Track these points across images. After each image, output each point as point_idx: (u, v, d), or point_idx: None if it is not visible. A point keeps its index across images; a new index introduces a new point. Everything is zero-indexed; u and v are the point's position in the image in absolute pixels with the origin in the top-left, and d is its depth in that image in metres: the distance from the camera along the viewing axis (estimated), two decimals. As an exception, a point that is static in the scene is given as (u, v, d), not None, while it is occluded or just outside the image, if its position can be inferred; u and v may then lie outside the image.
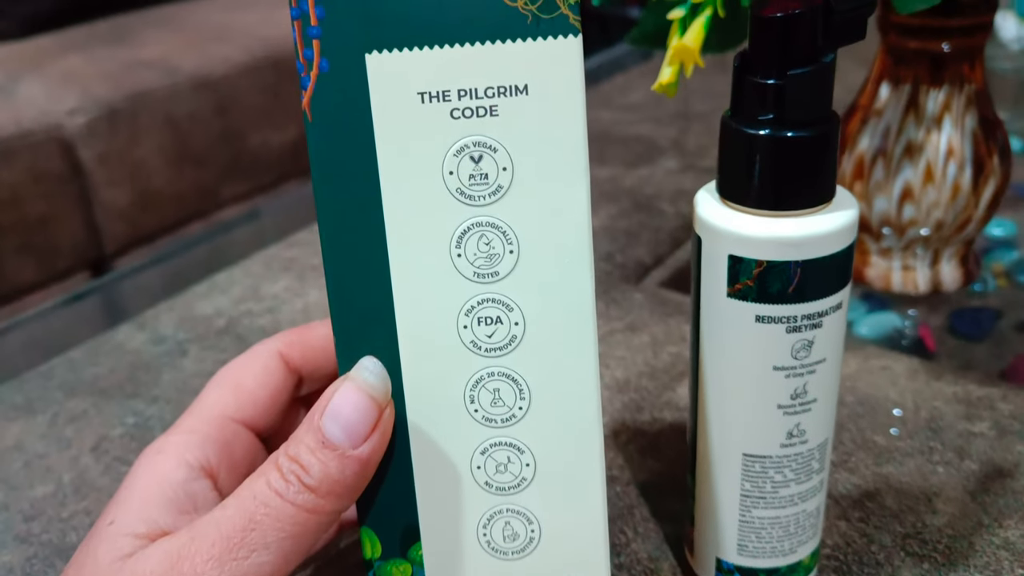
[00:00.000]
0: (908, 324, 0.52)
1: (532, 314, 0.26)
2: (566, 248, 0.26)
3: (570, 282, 0.26)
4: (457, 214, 0.26)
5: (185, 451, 0.28)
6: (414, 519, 0.28)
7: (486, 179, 0.25)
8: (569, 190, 0.26)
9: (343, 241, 0.26)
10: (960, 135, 0.47)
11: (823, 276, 0.27)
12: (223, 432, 0.29)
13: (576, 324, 0.27)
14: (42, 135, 1.06)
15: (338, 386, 0.26)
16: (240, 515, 0.25)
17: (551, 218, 0.26)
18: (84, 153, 1.10)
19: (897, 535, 0.36)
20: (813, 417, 0.29)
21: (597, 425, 0.27)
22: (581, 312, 0.26)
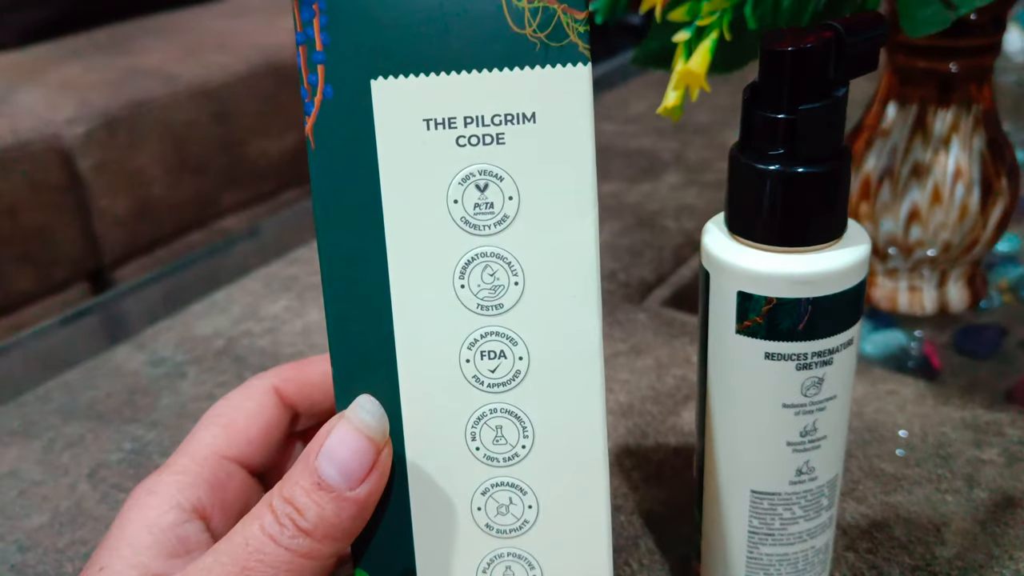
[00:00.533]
0: (914, 344, 0.52)
1: (537, 349, 0.26)
2: (573, 281, 0.25)
3: (576, 316, 0.26)
4: (461, 244, 0.25)
5: (176, 492, 0.28)
6: (411, 563, 0.27)
7: (491, 208, 0.25)
8: (577, 221, 0.25)
9: (344, 271, 0.25)
10: (968, 156, 0.47)
11: (834, 313, 0.27)
12: (216, 472, 0.29)
13: (582, 360, 0.26)
14: (40, 144, 1.06)
15: (333, 425, 0.25)
16: (232, 562, 0.24)
17: (558, 250, 0.25)
18: (82, 162, 1.09)
19: (906, 567, 0.36)
20: (823, 454, 0.29)
21: (603, 466, 0.26)
22: (587, 348, 0.26)
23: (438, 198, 0.25)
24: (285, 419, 0.31)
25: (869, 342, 0.52)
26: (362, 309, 0.26)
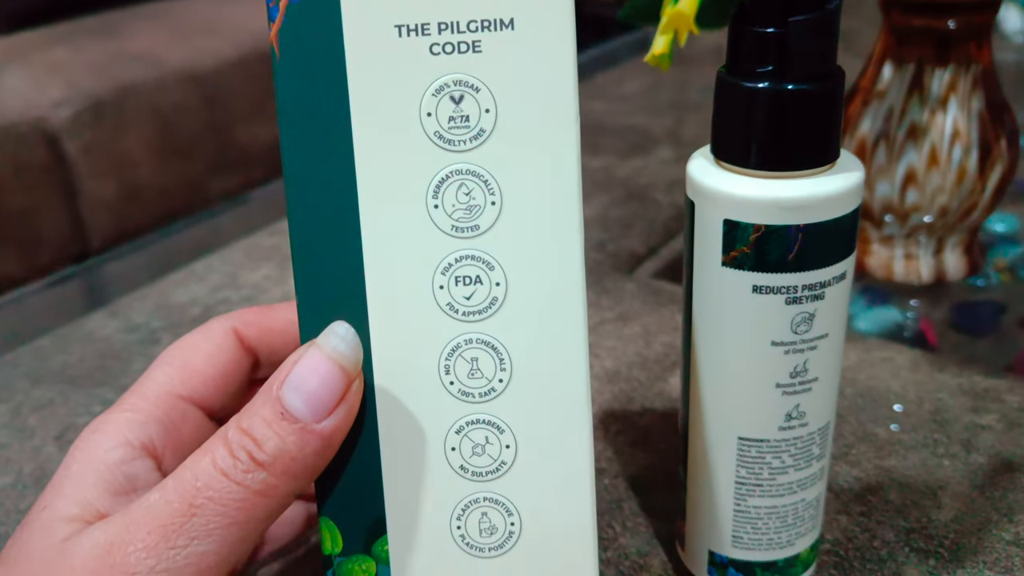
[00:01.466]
0: (910, 317, 0.50)
1: (515, 274, 0.24)
2: (554, 200, 0.24)
3: (557, 238, 0.24)
4: (435, 160, 0.23)
5: (125, 430, 0.26)
6: (380, 509, 0.25)
7: (467, 122, 0.23)
8: (558, 135, 0.23)
9: (310, 191, 0.24)
10: (966, 117, 0.45)
11: (826, 243, 0.25)
12: (168, 411, 0.27)
13: (563, 288, 0.24)
14: (26, 127, 1.04)
15: (302, 353, 0.24)
16: (179, 499, 0.23)
17: (537, 166, 0.23)
18: (69, 145, 1.07)
19: (901, 530, 0.34)
20: (814, 398, 0.27)
21: (585, 401, 0.25)
22: (569, 272, 0.24)
23: (410, 111, 0.23)
24: (245, 363, 0.30)
25: (864, 319, 0.51)
26: (329, 232, 0.24)
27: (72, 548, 0.23)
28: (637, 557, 0.34)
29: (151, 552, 0.22)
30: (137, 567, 0.22)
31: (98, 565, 0.22)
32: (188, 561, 0.22)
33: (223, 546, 0.23)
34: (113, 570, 0.22)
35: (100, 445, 0.26)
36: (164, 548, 0.22)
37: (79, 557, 0.23)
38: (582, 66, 0.92)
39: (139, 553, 0.22)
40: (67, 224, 1.09)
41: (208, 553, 0.23)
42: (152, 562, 0.22)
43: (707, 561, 0.31)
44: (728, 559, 0.30)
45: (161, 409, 0.27)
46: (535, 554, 0.26)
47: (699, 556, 0.31)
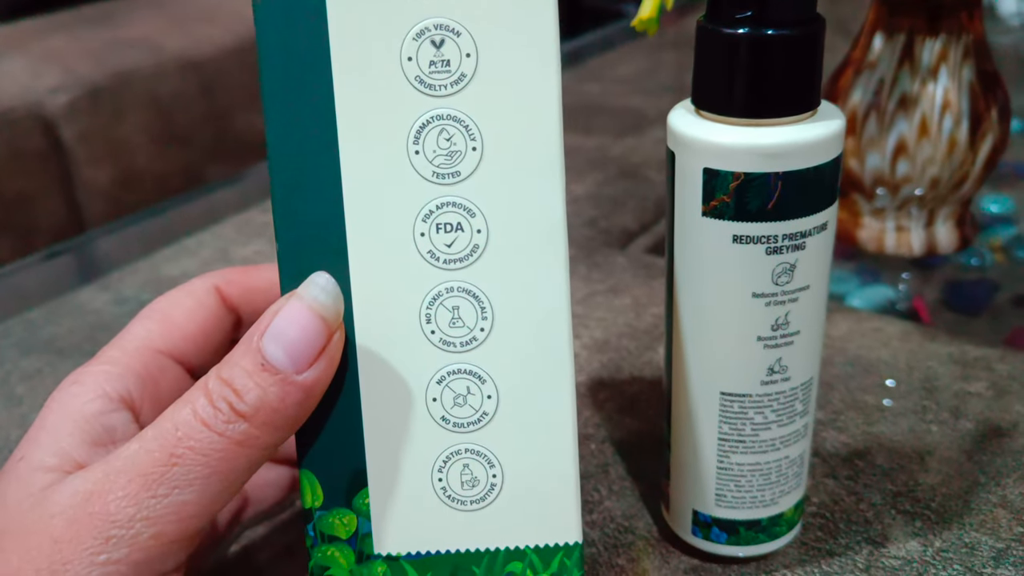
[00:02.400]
0: (902, 291, 0.50)
1: (496, 221, 0.24)
2: (535, 145, 0.24)
3: (539, 183, 0.24)
4: (415, 105, 0.23)
5: (103, 382, 0.26)
6: (361, 461, 0.25)
7: (448, 66, 0.23)
8: (539, 79, 0.23)
9: (290, 137, 0.23)
10: (957, 87, 0.45)
11: (806, 191, 0.25)
12: (147, 364, 0.27)
13: (545, 236, 0.24)
14: (22, 112, 1.04)
15: (283, 304, 0.23)
16: (160, 448, 0.23)
17: (519, 111, 0.23)
18: (65, 131, 1.07)
19: (888, 493, 0.34)
20: (796, 351, 0.27)
21: (568, 351, 0.25)
22: (551, 218, 0.24)
23: (391, 55, 0.23)
24: (227, 321, 0.30)
25: (857, 297, 0.50)
26: (309, 180, 0.24)
27: (51, 497, 0.23)
28: (622, 520, 0.34)
29: (132, 500, 0.22)
30: (117, 515, 0.22)
31: (77, 513, 0.22)
32: (169, 510, 0.22)
33: (204, 496, 0.23)
34: (93, 518, 0.22)
35: (77, 397, 0.25)
36: (145, 497, 0.22)
37: (58, 505, 0.23)
38: (577, 50, 0.92)
39: (119, 501, 0.22)
40: (63, 211, 1.09)
41: (189, 503, 0.22)
42: (132, 510, 0.22)
43: (691, 521, 0.31)
44: (712, 518, 0.30)
45: (139, 362, 0.27)
46: (517, 506, 0.25)
47: (683, 516, 0.31)
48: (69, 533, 0.22)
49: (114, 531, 0.22)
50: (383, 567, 0.26)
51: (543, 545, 0.26)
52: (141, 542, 0.22)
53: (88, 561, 0.21)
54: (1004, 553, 0.31)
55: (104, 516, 0.22)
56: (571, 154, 0.67)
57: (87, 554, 0.21)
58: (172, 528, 0.22)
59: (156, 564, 0.22)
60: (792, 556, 0.32)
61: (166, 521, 0.22)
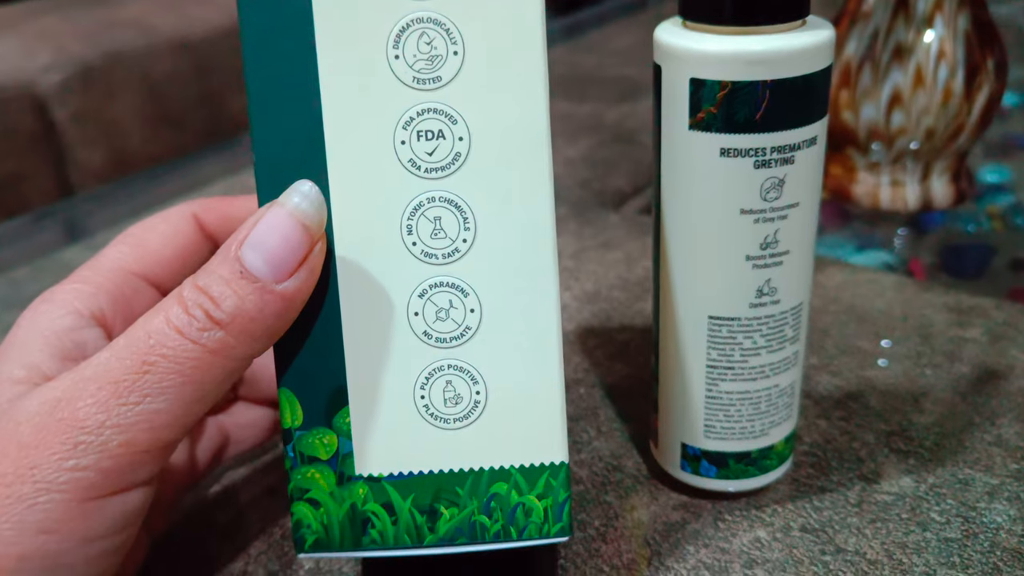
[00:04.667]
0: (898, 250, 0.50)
1: (478, 127, 0.23)
2: (518, 49, 0.23)
3: (522, 93, 0.23)
4: (395, 7, 0.23)
5: (74, 299, 0.25)
6: (341, 378, 0.24)
7: None
8: None
9: (266, 41, 0.23)
10: (952, 36, 0.45)
11: (794, 102, 0.24)
12: (120, 284, 0.26)
13: (529, 139, 0.23)
14: (13, 91, 1.04)
15: (263, 213, 0.23)
16: (132, 356, 0.22)
17: (501, 13, 0.23)
18: (58, 112, 1.07)
19: (881, 433, 0.33)
20: (785, 272, 0.27)
21: (552, 262, 0.24)
22: (534, 124, 0.23)
23: None
24: (204, 247, 0.29)
25: (853, 260, 0.50)
26: (286, 86, 0.23)
27: (18, 405, 0.22)
28: (611, 459, 0.33)
29: (101, 407, 0.21)
30: (86, 421, 0.21)
31: (46, 420, 0.22)
32: (140, 418, 0.22)
33: (176, 405, 0.22)
34: (61, 424, 0.21)
35: (48, 314, 0.25)
36: (115, 404, 0.21)
37: (25, 413, 0.22)
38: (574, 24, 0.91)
39: (89, 408, 0.21)
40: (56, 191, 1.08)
41: (161, 411, 0.22)
42: (102, 417, 0.21)
43: (680, 455, 0.30)
44: (701, 451, 0.30)
45: (112, 282, 0.26)
46: (501, 424, 0.25)
47: (672, 450, 0.30)
48: (36, 439, 0.21)
49: (83, 437, 0.21)
50: (364, 489, 0.25)
51: (528, 465, 0.25)
52: (110, 450, 0.21)
53: (56, 466, 0.21)
54: (998, 489, 0.31)
55: (72, 422, 0.21)
56: (565, 120, 0.66)
57: (54, 459, 0.21)
58: (143, 437, 0.22)
59: (127, 473, 0.22)
60: (783, 492, 0.31)
61: (137, 429, 0.21)
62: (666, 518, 0.30)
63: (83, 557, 0.21)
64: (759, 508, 0.30)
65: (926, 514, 0.30)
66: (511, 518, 0.25)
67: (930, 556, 0.28)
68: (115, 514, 0.22)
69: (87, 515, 0.21)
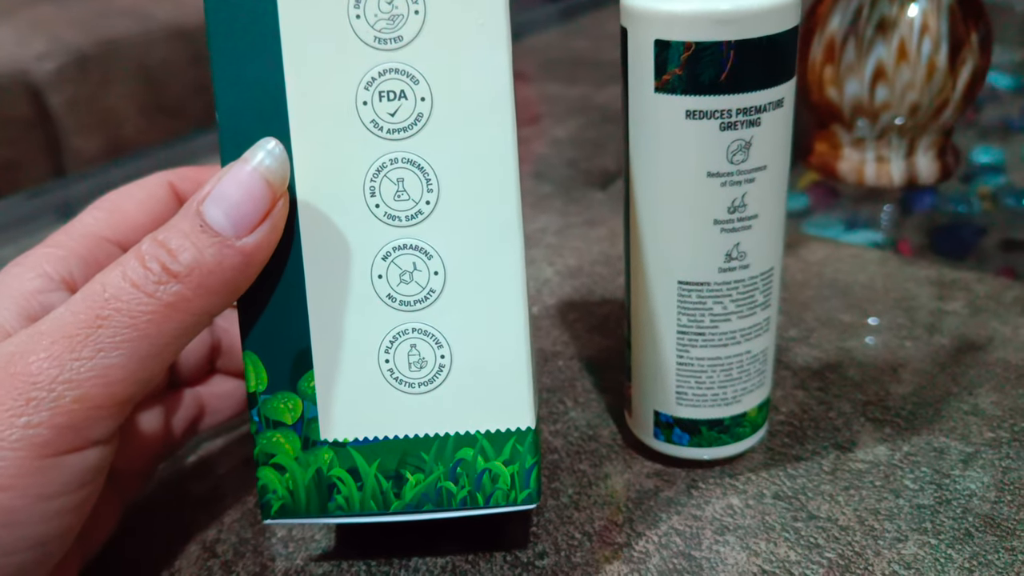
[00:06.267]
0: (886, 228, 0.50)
1: (441, 87, 0.23)
2: (480, 4, 0.23)
3: (484, 48, 0.23)
4: None
5: (44, 262, 0.25)
6: (306, 342, 0.24)
7: None
8: None
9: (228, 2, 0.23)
10: (936, 10, 0.44)
11: (761, 62, 0.24)
12: (92, 250, 0.26)
13: (491, 101, 0.23)
14: (8, 79, 1.04)
15: (227, 170, 0.23)
16: (86, 310, 0.22)
17: None
18: (52, 99, 1.07)
19: (858, 403, 0.33)
20: (754, 236, 0.27)
21: (517, 224, 0.24)
22: (497, 86, 0.23)
23: None
24: None
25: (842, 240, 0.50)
26: (247, 44, 0.23)
27: None
28: (587, 429, 0.33)
29: (54, 361, 0.21)
30: (39, 376, 0.21)
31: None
32: (94, 373, 0.21)
33: (131, 360, 0.22)
34: (14, 379, 0.21)
35: (17, 276, 0.25)
36: (68, 358, 0.21)
37: None
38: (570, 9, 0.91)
39: (41, 363, 0.21)
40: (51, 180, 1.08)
41: (115, 366, 0.22)
42: (55, 371, 0.21)
43: (653, 423, 0.30)
44: (673, 418, 0.30)
45: (84, 247, 0.26)
46: (467, 388, 0.25)
47: (645, 418, 0.30)
48: None
49: (35, 392, 0.21)
50: (329, 454, 0.25)
51: (494, 430, 0.25)
52: (64, 405, 0.21)
53: (8, 423, 0.21)
54: (973, 457, 0.31)
55: (25, 376, 0.21)
56: (555, 102, 0.66)
57: (7, 415, 0.21)
58: (97, 392, 0.21)
59: (81, 430, 0.22)
60: (757, 460, 0.31)
61: (91, 384, 0.21)
62: (640, 486, 0.30)
63: (40, 514, 0.21)
64: (733, 476, 0.30)
65: (900, 481, 0.30)
66: (477, 484, 0.25)
67: (902, 522, 0.28)
68: (72, 471, 0.22)
69: (43, 471, 0.21)
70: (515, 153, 0.24)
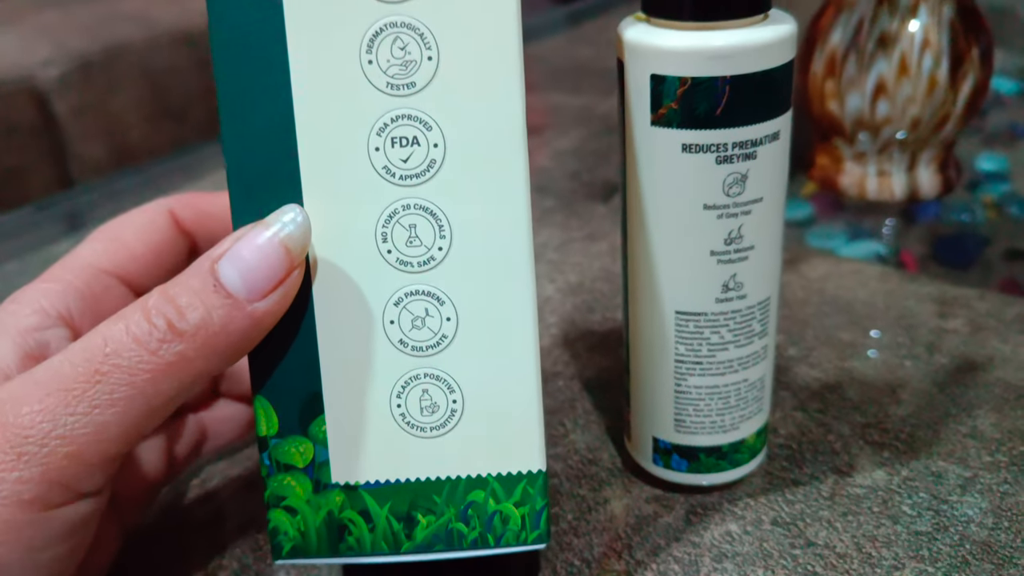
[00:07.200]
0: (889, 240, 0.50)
1: (454, 134, 0.23)
2: (494, 51, 0.22)
3: (497, 92, 0.23)
4: (368, 12, 0.22)
5: (41, 298, 0.25)
6: (317, 387, 0.24)
7: None
8: None
9: (235, 48, 0.22)
10: (937, 25, 0.44)
11: (755, 97, 0.24)
12: (90, 284, 0.26)
13: (504, 143, 0.23)
14: (13, 86, 1.04)
15: (246, 231, 0.22)
16: (85, 363, 0.21)
17: (475, 15, 0.22)
18: (58, 105, 1.07)
19: (857, 425, 0.33)
20: (751, 268, 0.27)
21: (528, 269, 0.24)
22: (510, 128, 0.23)
23: None
24: (181, 244, 0.29)
25: (844, 251, 0.50)
26: (258, 93, 0.22)
27: None
28: (587, 452, 0.33)
29: (47, 415, 0.21)
30: (31, 430, 0.21)
31: None
32: (87, 430, 0.21)
33: (126, 417, 0.21)
34: (5, 429, 0.21)
35: (13, 313, 0.25)
36: (62, 413, 0.21)
37: None
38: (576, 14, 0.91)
39: (35, 415, 0.21)
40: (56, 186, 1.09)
41: (110, 424, 0.21)
42: (48, 426, 0.21)
43: (652, 449, 0.30)
44: (672, 445, 0.30)
45: (82, 280, 0.26)
46: (478, 432, 0.25)
47: (644, 444, 0.31)
48: None
49: (27, 447, 0.21)
50: (341, 496, 0.25)
51: (505, 473, 0.25)
52: (55, 461, 0.21)
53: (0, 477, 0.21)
54: (971, 481, 0.31)
55: (17, 428, 0.21)
56: (558, 112, 0.66)
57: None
58: (90, 449, 0.21)
59: (72, 485, 0.21)
60: (756, 485, 0.31)
61: (84, 441, 0.21)
62: (639, 511, 0.30)
63: (32, 565, 0.21)
64: (732, 501, 0.30)
65: (897, 507, 0.30)
66: (488, 525, 0.25)
67: (899, 549, 0.28)
68: (62, 524, 0.21)
69: (32, 525, 0.21)
70: (527, 199, 0.23)
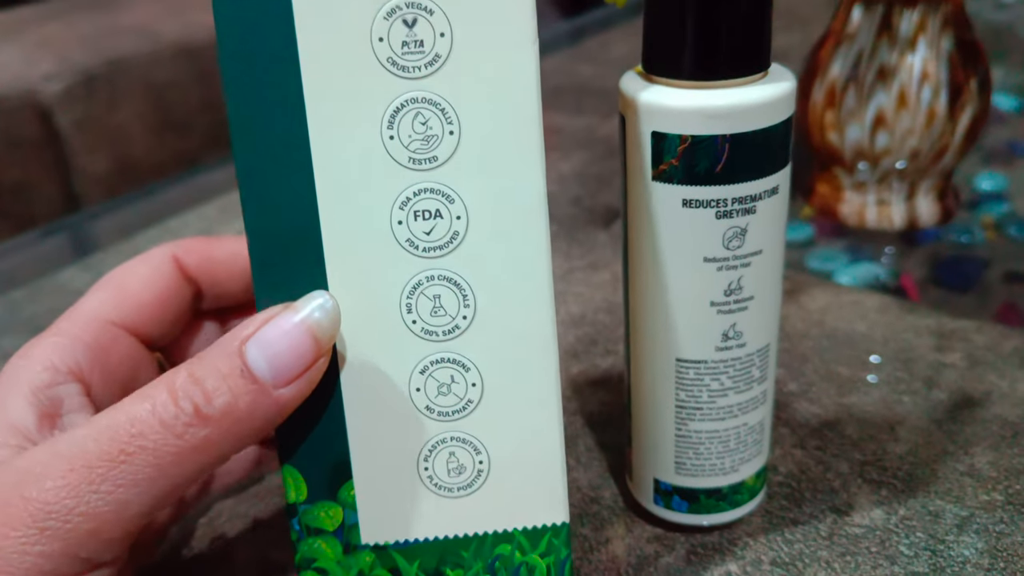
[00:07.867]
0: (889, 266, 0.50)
1: (476, 206, 0.23)
2: (515, 123, 0.23)
3: (519, 165, 0.23)
4: (389, 88, 0.22)
5: (51, 353, 0.25)
6: (345, 454, 0.25)
7: (421, 47, 0.22)
8: (516, 57, 0.22)
9: (256, 127, 0.22)
10: (935, 58, 0.45)
11: (755, 154, 0.25)
12: (98, 336, 0.26)
13: (526, 216, 0.23)
14: (16, 100, 1.04)
15: (276, 313, 0.22)
16: (110, 441, 0.21)
17: (495, 91, 0.22)
18: (61, 119, 1.08)
19: (855, 463, 0.34)
20: (750, 317, 0.27)
21: (551, 333, 0.24)
22: (531, 201, 0.23)
23: (361, 35, 0.22)
24: (186, 292, 0.29)
25: (844, 274, 0.50)
26: (279, 169, 0.23)
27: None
28: (589, 490, 0.33)
29: (71, 491, 0.21)
30: (55, 505, 0.21)
31: (10, 495, 0.21)
32: (109, 508, 0.21)
33: (148, 496, 0.22)
34: (27, 503, 0.21)
35: (25, 370, 0.25)
36: (85, 490, 0.21)
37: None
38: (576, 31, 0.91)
39: (59, 491, 0.21)
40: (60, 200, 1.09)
41: (132, 503, 0.22)
42: (71, 503, 0.21)
43: (653, 489, 0.31)
44: (672, 486, 0.30)
45: (89, 334, 0.27)
46: (504, 490, 0.25)
47: (646, 485, 0.31)
48: (2, 516, 0.21)
49: (50, 522, 0.21)
50: (371, 556, 0.25)
51: (531, 527, 0.25)
52: (77, 537, 0.21)
53: (20, 550, 0.21)
54: (968, 521, 0.31)
55: (40, 504, 0.21)
56: (559, 133, 0.67)
57: (20, 542, 0.21)
58: (111, 527, 0.21)
59: (92, 557, 0.22)
60: (756, 525, 0.31)
61: (105, 519, 0.21)
62: (640, 551, 0.31)
63: None
64: (731, 541, 0.31)
65: (895, 547, 0.30)
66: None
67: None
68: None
69: None
70: (549, 267, 0.24)
